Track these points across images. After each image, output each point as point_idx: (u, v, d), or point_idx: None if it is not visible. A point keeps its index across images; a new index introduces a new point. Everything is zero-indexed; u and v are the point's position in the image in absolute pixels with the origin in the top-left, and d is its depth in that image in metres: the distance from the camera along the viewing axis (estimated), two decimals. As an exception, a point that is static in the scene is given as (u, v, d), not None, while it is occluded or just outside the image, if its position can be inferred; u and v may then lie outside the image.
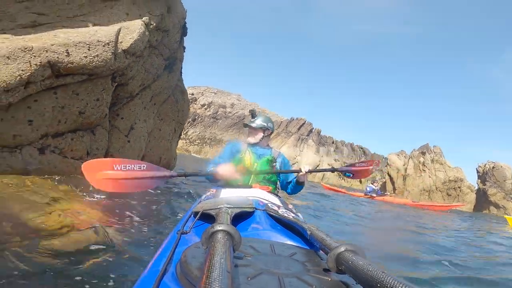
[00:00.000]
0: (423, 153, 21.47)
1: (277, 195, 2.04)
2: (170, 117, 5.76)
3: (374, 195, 11.13)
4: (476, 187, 20.44)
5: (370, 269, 0.48)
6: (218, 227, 0.60)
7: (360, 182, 25.33)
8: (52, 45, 2.39)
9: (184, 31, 5.63)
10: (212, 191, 1.79)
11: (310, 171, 2.16)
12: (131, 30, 3.29)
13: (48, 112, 2.56)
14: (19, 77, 2.13)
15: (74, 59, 2.53)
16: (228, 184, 2.06)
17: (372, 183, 11.51)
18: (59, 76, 2.53)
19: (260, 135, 2.22)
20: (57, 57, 2.39)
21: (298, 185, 2.19)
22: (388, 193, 13.99)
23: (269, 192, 1.94)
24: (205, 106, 23.90)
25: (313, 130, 23.92)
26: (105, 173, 1.94)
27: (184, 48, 5.91)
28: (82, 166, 1.94)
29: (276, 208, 1.30)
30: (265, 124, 2.26)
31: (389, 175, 21.31)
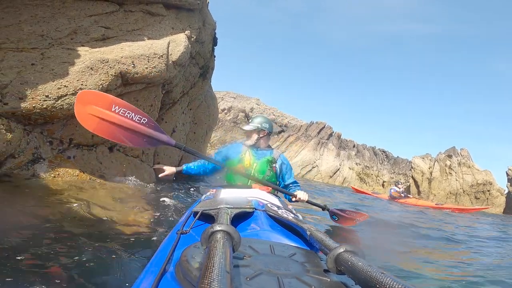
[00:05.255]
0: (450, 156, 20.82)
1: (276, 196, 2.05)
2: (202, 121, 6.19)
3: (397, 196, 11.09)
4: (506, 191, 19.57)
5: (369, 270, 0.48)
6: (218, 227, 0.60)
7: (383, 186, 24.81)
8: (122, 57, 2.82)
9: (214, 42, 6.07)
10: (212, 191, 1.79)
11: (307, 201, 2.22)
12: (178, 43, 3.71)
13: (116, 116, 2.98)
14: (101, 85, 2.56)
15: (138, 70, 2.96)
16: (228, 184, 2.08)
17: (396, 185, 11.43)
18: (126, 85, 2.96)
19: (255, 136, 2.24)
20: (126, 68, 2.82)
21: (290, 201, 2.26)
22: (411, 195, 13.77)
23: (268, 192, 1.93)
24: (225, 111, 24.45)
25: (333, 134, 23.82)
26: (99, 110, 1.65)
27: (214, 57, 6.35)
28: (78, 93, 1.61)
29: (275, 208, 1.30)
30: (259, 126, 2.24)
31: (414, 179, 20.82)
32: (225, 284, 0.38)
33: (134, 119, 1.77)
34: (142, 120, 1.76)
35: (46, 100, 2.20)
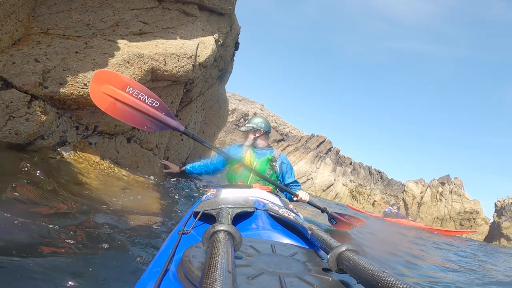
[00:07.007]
0: (443, 184, 21.16)
1: (277, 195, 2.06)
2: (212, 122, 6.27)
3: (392, 217, 11.43)
4: (491, 220, 20.31)
5: (371, 269, 0.48)
6: (219, 227, 0.60)
7: (373, 205, 25.02)
8: (155, 54, 2.90)
9: (236, 46, 6.17)
10: (213, 191, 1.80)
11: (308, 202, 2.26)
12: (206, 46, 3.80)
13: (140, 109, 3.05)
14: (133, 79, 2.63)
15: (168, 68, 3.04)
16: (229, 184, 2.12)
17: (391, 206, 11.75)
18: (154, 81, 3.03)
19: (251, 136, 2.30)
20: (158, 65, 2.90)
21: (291, 200, 2.31)
22: (410, 217, 14.17)
23: (269, 192, 1.96)
24: (229, 112, 24.52)
25: (332, 149, 24.02)
26: (113, 89, 1.69)
27: (233, 61, 6.44)
28: (96, 72, 1.63)
29: (276, 208, 1.30)
30: (254, 126, 2.30)
31: (404, 201, 21.09)
32: (227, 284, 0.38)
33: (146, 101, 1.81)
34: (154, 104, 1.79)
35: (83, 88, 2.26)
